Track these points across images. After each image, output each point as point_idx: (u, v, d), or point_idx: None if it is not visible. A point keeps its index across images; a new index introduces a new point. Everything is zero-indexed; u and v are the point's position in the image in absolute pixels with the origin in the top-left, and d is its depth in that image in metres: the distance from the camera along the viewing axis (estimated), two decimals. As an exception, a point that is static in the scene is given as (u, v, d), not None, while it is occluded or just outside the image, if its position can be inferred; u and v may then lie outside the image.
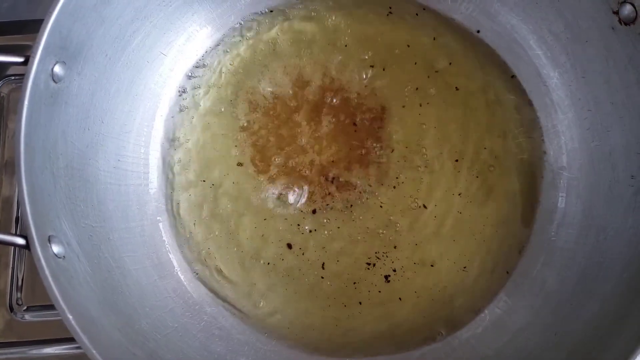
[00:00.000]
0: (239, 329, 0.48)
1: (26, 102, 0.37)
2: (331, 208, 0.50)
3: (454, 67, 0.52)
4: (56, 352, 0.51)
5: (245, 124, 0.52)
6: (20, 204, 0.36)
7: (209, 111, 0.52)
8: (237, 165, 0.51)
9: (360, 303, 0.49)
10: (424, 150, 0.51)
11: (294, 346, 0.48)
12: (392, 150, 0.51)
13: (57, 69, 0.40)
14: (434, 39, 0.52)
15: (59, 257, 0.37)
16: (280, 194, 0.50)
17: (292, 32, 0.53)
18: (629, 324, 0.38)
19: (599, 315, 0.41)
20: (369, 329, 0.48)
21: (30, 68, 0.37)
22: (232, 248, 0.50)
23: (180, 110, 0.52)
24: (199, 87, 0.53)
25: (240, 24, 0.53)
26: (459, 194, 0.50)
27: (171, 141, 0.52)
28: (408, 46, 0.52)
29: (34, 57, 0.37)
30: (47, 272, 0.34)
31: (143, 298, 0.45)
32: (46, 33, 0.38)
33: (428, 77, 0.52)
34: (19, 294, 0.53)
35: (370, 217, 0.50)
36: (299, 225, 0.50)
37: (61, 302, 0.34)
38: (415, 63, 0.52)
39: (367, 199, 0.50)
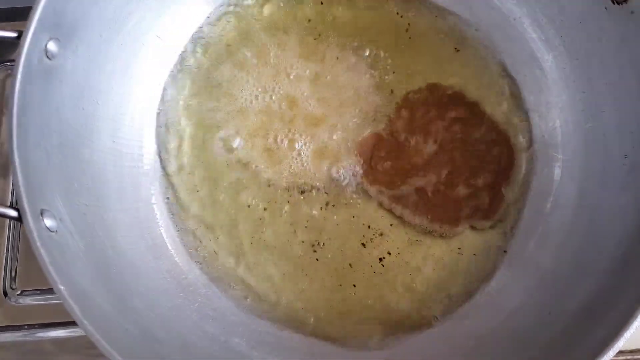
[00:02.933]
0: (233, 310, 0.48)
1: (19, 75, 0.37)
2: (325, 188, 0.50)
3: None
4: (51, 335, 0.51)
5: (242, 105, 0.52)
6: (12, 176, 0.36)
7: (204, 93, 0.52)
8: (233, 147, 0.51)
9: (354, 285, 0.49)
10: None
11: (287, 328, 0.48)
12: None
13: (51, 45, 0.40)
14: (429, 23, 0.53)
15: (52, 231, 0.37)
16: (276, 173, 0.50)
17: (289, 10, 0.53)
18: (622, 300, 0.38)
19: (593, 293, 0.41)
20: (363, 311, 0.48)
21: (24, 42, 0.37)
22: (227, 230, 0.50)
23: (176, 93, 0.52)
24: (194, 70, 0.52)
25: (235, 5, 0.53)
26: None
27: (166, 124, 0.51)
28: (406, 30, 0.53)
29: (27, 31, 0.37)
30: (38, 243, 0.34)
31: (137, 278, 0.45)
32: (40, 8, 0.38)
33: (426, 65, 0.52)
34: (12, 279, 0.52)
35: (366, 196, 0.50)
36: (296, 206, 0.50)
37: (53, 273, 0.34)
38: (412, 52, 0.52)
39: (362, 178, 0.50)
